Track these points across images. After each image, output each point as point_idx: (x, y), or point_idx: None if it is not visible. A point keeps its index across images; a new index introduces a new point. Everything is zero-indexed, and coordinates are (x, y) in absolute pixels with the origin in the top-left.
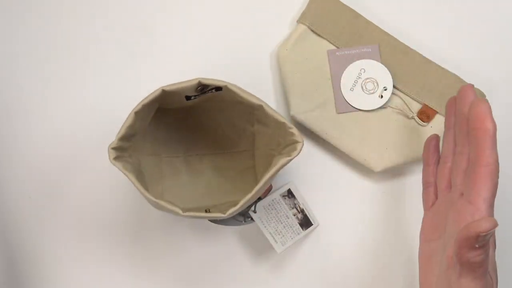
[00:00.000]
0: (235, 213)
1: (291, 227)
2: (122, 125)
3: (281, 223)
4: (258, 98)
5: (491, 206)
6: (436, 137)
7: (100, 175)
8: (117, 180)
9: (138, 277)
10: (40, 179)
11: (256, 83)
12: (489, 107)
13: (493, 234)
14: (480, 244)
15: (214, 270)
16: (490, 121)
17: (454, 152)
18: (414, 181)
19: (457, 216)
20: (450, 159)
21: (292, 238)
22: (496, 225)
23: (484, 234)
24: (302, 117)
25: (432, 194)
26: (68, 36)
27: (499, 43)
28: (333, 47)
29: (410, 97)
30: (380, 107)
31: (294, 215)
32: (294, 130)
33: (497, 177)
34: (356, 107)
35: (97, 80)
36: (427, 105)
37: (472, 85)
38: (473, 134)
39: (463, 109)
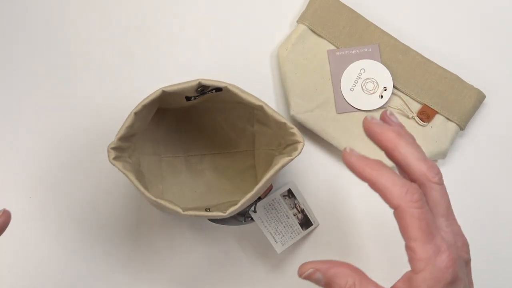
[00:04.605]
0: (235, 213)
1: (291, 227)
2: (122, 125)
3: (281, 223)
4: (258, 99)
5: (423, 240)
6: None
7: (100, 175)
8: (117, 180)
9: (138, 277)
10: (40, 179)
11: (256, 83)
12: (356, 157)
13: (323, 274)
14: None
15: (214, 270)
16: (367, 172)
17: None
18: None
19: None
20: None
21: (292, 238)
22: (303, 272)
23: (304, 278)
24: (302, 117)
25: None
26: (68, 36)
27: (499, 43)
28: (333, 47)
29: (410, 97)
30: (380, 107)
31: (294, 215)
32: (295, 130)
33: (416, 208)
34: (356, 107)
35: (97, 80)
36: (427, 105)
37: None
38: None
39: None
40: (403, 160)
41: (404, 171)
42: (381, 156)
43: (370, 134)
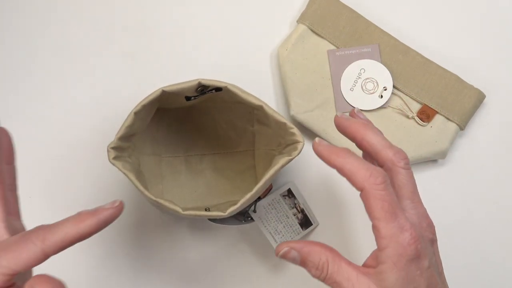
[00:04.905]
0: (235, 212)
1: (291, 227)
2: (122, 125)
3: (281, 222)
4: (258, 99)
5: (386, 220)
6: None
7: (100, 175)
8: (117, 180)
9: (138, 277)
10: (40, 179)
11: (256, 83)
12: (324, 146)
13: (301, 255)
14: (292, 262)
15: (214, 269)
16: (334, 159)
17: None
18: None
19: None
20: None
21: (292, 238)
22: (279, 251)
23: (281, 257)
24: (302, 117)
25: None
26: (68, 36)
27: (499, 43)
28: (333, 47)
29: (410, 97)
30: (380, 107)
31: (294, 215)
32: (295, 130)
33: (379, 190)
34: (356, 107)
35: (97, 80)
36: (427, 105)
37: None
38: None
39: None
40: (371, 147)
41: (373, 158)
42: None
43: (340, 128)
